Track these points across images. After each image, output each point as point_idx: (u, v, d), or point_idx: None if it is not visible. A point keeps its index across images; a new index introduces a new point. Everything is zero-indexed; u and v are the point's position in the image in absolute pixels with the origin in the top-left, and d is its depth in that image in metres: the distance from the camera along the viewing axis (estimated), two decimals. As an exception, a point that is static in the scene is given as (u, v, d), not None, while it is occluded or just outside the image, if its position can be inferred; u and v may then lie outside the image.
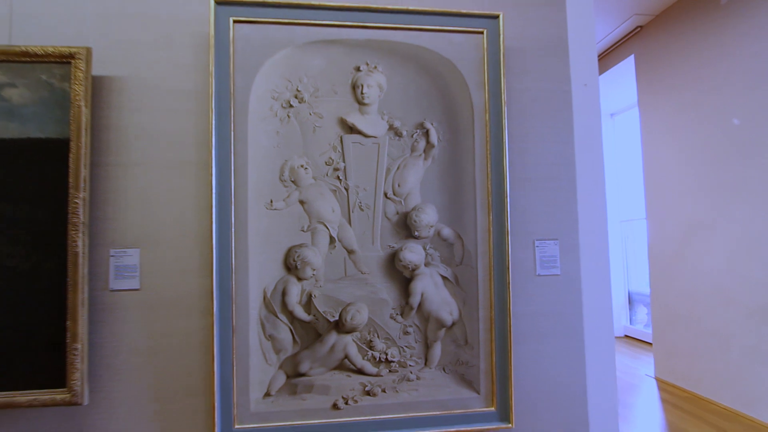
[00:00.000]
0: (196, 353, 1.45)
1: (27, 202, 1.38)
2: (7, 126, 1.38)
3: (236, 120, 1.45)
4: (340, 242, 1.51)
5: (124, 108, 1.48)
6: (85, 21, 1.49)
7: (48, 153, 1.39)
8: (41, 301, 1.36)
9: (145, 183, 1.47)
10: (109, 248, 1.44)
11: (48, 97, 1.41)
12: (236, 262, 1.43)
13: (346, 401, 1.47)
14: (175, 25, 1.52)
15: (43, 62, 1.41)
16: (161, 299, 1.46)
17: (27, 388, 1.34)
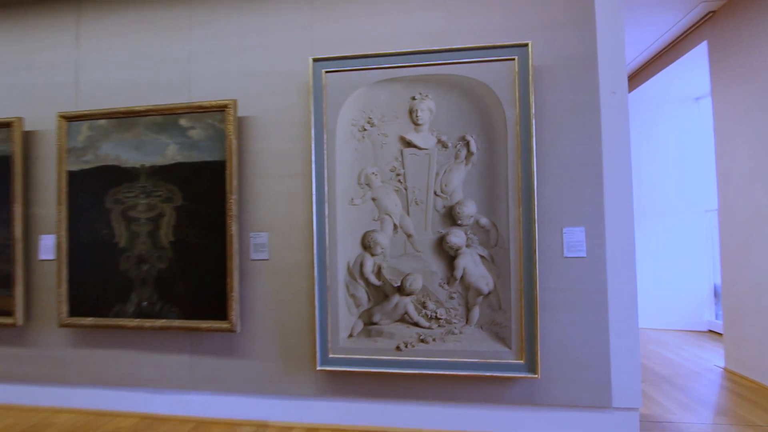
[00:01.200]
0: (304, 304, 2.12)
1: (204, 202, 2.17)
2: (191, 154, 2.18)
3: (328, 142, 2.06)
4: (401, 228, 2.04)
5: (257, 137, 2.19)
6: (232, 81, 2.23)
7: (214, 170, 2.16)
8: (213, 266, 2.15)
9: (270, 188, 2.17)
10: (250, 232, 2.17)
11: (213, 134, 2.18)
12: (329, 242, 2.06)
13: (405, 345, 2.01)
14: (287, 78, 2.18)
15: (209, 111, 2.18)
16: (281, 266, 2.15)
17: (206, 319, 2.14)
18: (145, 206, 2.20)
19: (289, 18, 2.20)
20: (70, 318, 2.28)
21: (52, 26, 2.45)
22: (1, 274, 2.36)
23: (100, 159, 2.26)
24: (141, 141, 2.22)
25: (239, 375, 2.16)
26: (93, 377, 2.32)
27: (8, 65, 2.49)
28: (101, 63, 2.38)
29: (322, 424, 2.09)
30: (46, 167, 2.40)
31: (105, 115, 2.26)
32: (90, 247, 2.27)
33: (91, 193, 2.28)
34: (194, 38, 2.28)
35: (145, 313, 2.21)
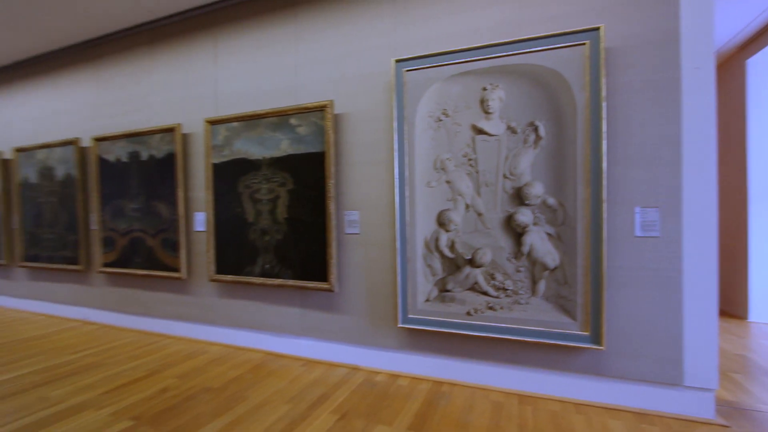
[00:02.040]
0: (388, 271, 2.51)
1: (309, 187, 2.67)
2: (299, 147, 2.70)
3: (408, 133, 2.38)
4: (473, 208, 2.28)
5: (350, 131, 2.61)
6: (329, 85, 2.67)
7: (317, 159, 2.64)
8: (317, 238, 2.65)
9: (361, 173, 2.58)
10: (344, 210, 2.62)
11: (315, 130, 2.65)
12: (409, 219, 2.39)
13: (475, 311, 2.27)
14: (373, 78, 2.54)
15: (312, 111, 2.66)
16: (369, 239, 2.56)
17: (312, 280, 2.67)
18: (266, 190, 2.80)
19: (375, 26, 2.54)
20: (216, 275, 3.02)
21: (196, 52, 3.16)
22: (171, 241, 3.21)
23: (234, 153, 2.92)
24: (262, 138, 2.81)
25: (336, 326, 2.66)
26: (232, 320, 3.05)
27: (168, 84, 3.30)
28: (232, 77, 3.02)
29: (402, 372, 2.48)
30: (197, 161, 3.16)
31: (237, 119, 2.90)
32: (228, 221, 2.97)
33: (228, 180, 2.95)
34: (300, 52, 2.77)
35: (267, 274, 2.83)
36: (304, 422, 1.93)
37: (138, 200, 3.38)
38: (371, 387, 2.32)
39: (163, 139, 3.23)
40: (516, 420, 1.93)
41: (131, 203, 3.42)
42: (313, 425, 1.90)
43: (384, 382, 2.39)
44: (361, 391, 2.26)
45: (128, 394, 2.25)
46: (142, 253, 3.38)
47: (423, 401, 2.14)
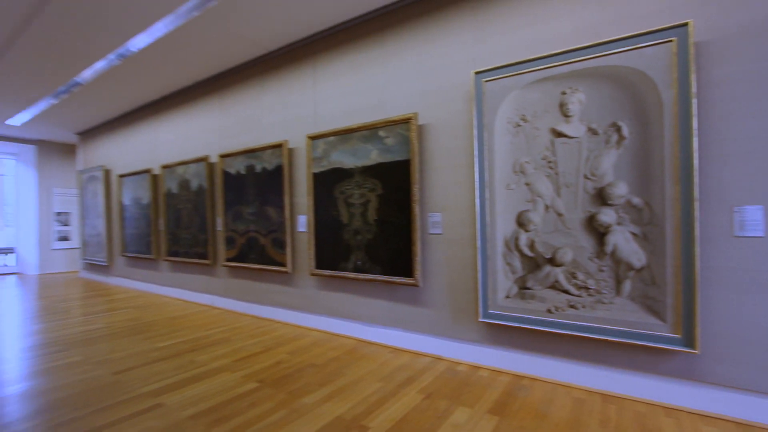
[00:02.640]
0: (468, 269, 2.68)
1: (396, 191, 2.97)
2: (387, 156, 3.01)
3: (487, 139, 2.55)
4: (552, 208, 2.36)
5: (432, 139, 2.85)
6: (413, 99, 2.95)
7: (403, 166, 2.93)
8: (403, 237, 2.94)
9: (443, 178, 2.81)
10: (428, 212, 2.87)
11: (401, 140, 2.95)
12: (489, 219, 2.55)
13: (555, 309, 2.34)
14: (454, 90, 2.75)
15: (398, 123, 2.96)
16: (451, 239, 2.77)
17: (399, 275, 2.95)
18: (358, 195, 3.17)
19: (454, 42, 2.75)
20: (316, 270, 3.48)
21: (298, 78, 3.69)
22: (279, 240, 3.77)
23: (331, 163, 3.35)
24: (355, 149, 3.19)
25: (421, 319, 2.91)
26: (329, 310, 3.48)
27: (276, 107, 3.89)
28: (329, 98, 3.47)
29: (482, 364, 2.63)
30: (300, 171, 3.67)
31: (333, 134, 3.33)
32: (326, 223, 3.41)
33: (326, 187, 3.40)
34: (387, 71, 3.10)
35: (359, 269, 3.19)
36: (393, 397, 2.20)
37: (253, 205, 4.02)
38: (453, 375, 2.51)
39: (273, 154, 3.82)
40: (598, 416, 1.97)
41: (248, 208, 4.08)
42: (402, 401, 2.17)
43: (465, 372, 2.56)
44: (444, 378, 2.47)
45: (252, 363, 2.76)
46: (256, 250, 4.01)
47: (503, 391, 2.27)
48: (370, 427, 1.89)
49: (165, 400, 2.21)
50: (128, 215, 5.96)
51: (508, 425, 1.90)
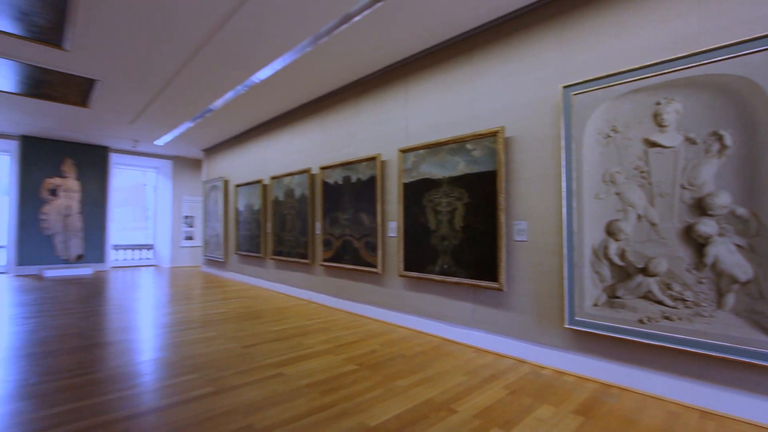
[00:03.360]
0: (554, 275, 2.76)
1: (482, 200, 3.17)
2: (473, 167, 3.23)
3: (576, 150, 2.63)
4: (645, 218, 2.36)
5: (519, 151, 3.00)
6: (500, 113, 3.13)
7: (489, 177, 3.12)
8: (488, 243, 3.11)
9: (528, 188, 2.93)
10: (513, 220, 3.01)
11: (488, 152, 3.14)
12: (576, 228, 2.62)
13: (648, 319, 2.32)
14: (541, 104, 2.88)
15: (485, 137, 3.16)
16: (536, 246, 2.87)
17: (483, 279, 3.13)
18: (446, 203, 3.42)
19: (542, 57, 2.88)
20: (404, 272, 3.79)
21: (390, 98, 4.09)
22: (372, 244, 4.18)
23: (420, 174, 3.66)
24: (443, 161, 3.46)
25: (504, 322, 3.04)
26: (415, 309, 3.76)
27: (370, 124, 4.33)
28: (419, 114, 3.80)
29: (568, 370, 2.67)
30: (391, 181, 4.05)
31: (422, 147, 3.64)
32: (414, 229, 3.71)
33: (415, 196, 3.71)
34: (475, 88, 3.33)
35: (445, 272, 3.43)
36: (478, 390, 2.39)
37: (348, 212, 4.50)
38: (537, 377, 2.61)
39: (367, 166, 4.26)
40: (693, 431, 1.94)
41: (344, 214, 4.58)
42: (487, 393, 2.34)
43: (549, 375, 2.64)
44: (528, 379, 2.58)
45: (350, 350, 3.15)
46: (350, 252, 4.47)
47: (589, 396, 2.32)
48: (458, 410, 2.11)
49: (284, 371, 2.68)
50: (242, 219, 6.96)
51: (593, 426, 1.97)
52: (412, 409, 2.13)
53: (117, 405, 2.14)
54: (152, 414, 2.04)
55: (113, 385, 2.40)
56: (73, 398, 2.21)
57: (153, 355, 2.98)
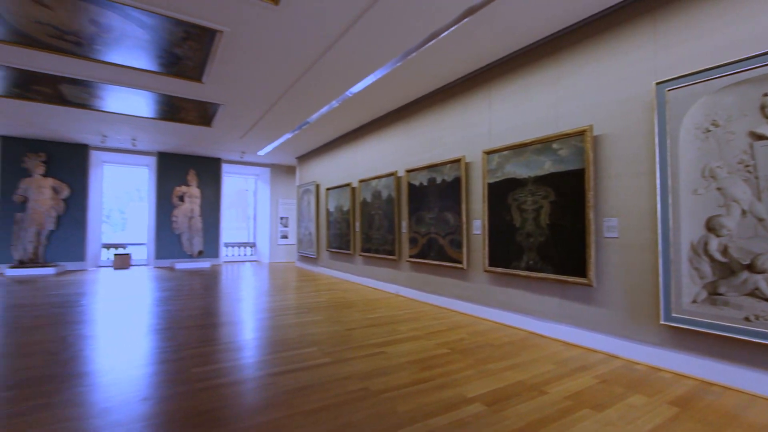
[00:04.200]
0: (647, 272, 2.77)
1: (568, 198, 3.25)
2: (560, 166, 3.32)
3: (671, 146, 2.62)
4: (751, 213, 2.29)
5: (608, 148, 3.04)
6: (587, 112, 3.18)
7: (575, 175, 3.19)
8: (576, 240, 3.19)
9: (619, 185, 2.96)
10: (603, 217, 3.05)
11: (575, 151, 3.21)
12: (672, 224, 2.61)
13: (756, 317, 2.26)
14: (631, 101, 2.89)
15: (571, 136, 3.23)
16: (628, 243, 2.89)
17: (571, 275, 3.21)
18: (531, 201, 3.56)
19: (632, 55, 2.89)
20: (489, 267, 3.99)
21: (474, 102, 4.30)
22: (456, 241, 4.43)
23: (505, 174, 3.83)
24: (528, 161, 3.60)
25: (594, 317, 3.09)
26: (500, 303, 3.94)
27: (455, 128, 4.58)
28: (503, 117, 3.96)
29: (664, 367, 2.66)
30: (476, 182, 4.26)
31: (507, 148, 3.80)
32: (499, 226, 3.89)
33: (499, 195, 3.89)
34: (559, 89, 3.41)
35: (530, 268, 3.56)
36: (567, 378, 2.53)
37: (433, 211, 4.81)
38: (630, 371, 2.65)
39: (451, 168, 4.53)
40: (809, 429, 1.89)
41: (429, 213, 4.90)
42: (577, 380, 2.48)
43: (644, 371, 2.66)
44: (620, 372, 2.63)
45: (440, 337, 3.46)
46: (435, 249, 4.78)
47: (687, 391, 2.32)
48: (548, 392, 2.30)
49: (385, 349, 3.07)
50: (332, 219, 7.66)
51: (690, 417, 2.02)
52: (504, 387, 2.36)
53: (254, 367, 2.71)
54: (284, 375, 2.56)
55: (247, 353, 3.01)
56: (215, 360, 2.85)
57: (273, 332, 3.59)
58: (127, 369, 2.62)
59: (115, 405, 2.10)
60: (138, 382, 2.41)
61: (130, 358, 2.82)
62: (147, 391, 2.28)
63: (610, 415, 2.02)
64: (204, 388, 2.32)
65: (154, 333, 3.50)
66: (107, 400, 2.16)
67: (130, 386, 2.34)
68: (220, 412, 2.03)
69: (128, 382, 2.41)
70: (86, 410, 2.03)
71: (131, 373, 2.55)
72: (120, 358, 2.83)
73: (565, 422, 1.94)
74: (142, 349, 3.03)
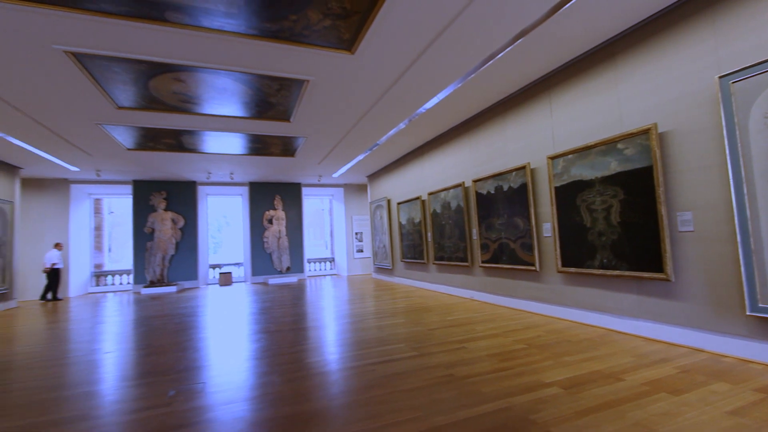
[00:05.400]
0: (728, 262, 2.76)
1: (638, 195, 3.33)
2: (626, 165, 3.41)
3: (740, 137, 2.65)
4: (835, 198, 2.26)
5: (674, 144, 3.09)
6: (650, 111, 3.26)
7: (644, 173, 3.27)
8: (649, 236, 3.25)
9: (690, 178, 3.00)
10: (676, 212, 3.10)
11: (641, 149, 3.30)
12: (750, 215, 2.61)
13: None
14: (692, 96, 2.94)
15: (637, 135, 3.33)
16: (705, 236, 2.91)
17: (646, 271, 3.26)
18: (600, 201, 3.66)
19: (693, 51, 2.95)
20: (562, 268, 4.11)
21: (535, 110, 4.49)
22: (527, 244, 4.61)
23: (571, 177, 3.97)
24: (593, 162, 3.72)
25: (674, 312, 3.11)
26: (575, 302, 4.03)
27: (517, 137, 4.80)
28: (565, 122, 4.12)
29: (753, 359, 2.63)
30: (542, 186, 4.43)
31: (571, 152, 3.95)
32: (569, 228, 4.02)
33: (567, 197, 4.03)
34: (619, 91, 3.52)
35: (604, 266, 3.64)
36: (645, 368, 2.63)
37: (502, 217, 5.03)
38: (716, 363, 2.66)
39: (517, 174, 4.74)
40: None
41: (498, 220, 5.12)
42: (655, 370, 2.58)
43: (730, 362, 2.65)
44: (705, 364, 2.66)
45: (517, 334, 3.68)
46: (507, 253, 4.98)
47: (779, 380, 2.32)
48: (624, 379, 2.45)
49: (466, 345, 3.39)
50: (404, 231, 8.13)
51: (777, 401, 2.06)
52: (581, 375, 2.56)
53: (353, 358, 3.20)
54: (380, 364, 3.01)
55: (345, 348, 3.53)
56: (321, 353, 3.39)
57: (362, 333, 4.09)
58: (249, 360, 3.28)
59: (249, 384, 2.71)
60: (264, 369, 3.03)
61: (250, 352, 3.50)
62: (274, 376, 2.88)
63: (688, 398, 2.14)
64: (318, 372, 2.86)
65: (266, 334, 4.20)
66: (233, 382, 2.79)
67: (253, 372, 2.97)
68: (335, 388, 2.54)
69: (253, 368, 3.04)
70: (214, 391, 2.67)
71: (254, 363, 3.20)
72: (241, 354, 3.52)
73: (640, 402, 2.11)
74: (259, 346, 3.71)
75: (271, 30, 3.17)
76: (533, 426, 1.92)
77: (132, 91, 4.28)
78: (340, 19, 3.09)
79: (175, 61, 3.60)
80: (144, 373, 3.04)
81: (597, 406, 2.10)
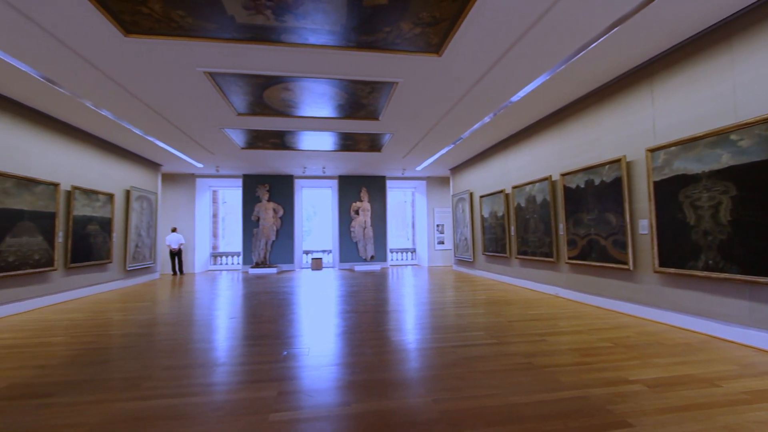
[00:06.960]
0: None
1: (756, 191, 3.01)
2: (741, 158, 3.10)
3: None
4: None
5: (803, 136, 2.74)
6: (774, 97, 2.92)
7: (763, 167, 2.95)
8: (767, 237, 2.93)
9: (820, 174, 2.65)
10: (800, 211, 2.76)
11: (759, 140, 2.97)
12: None
13: None
14: None
15: (754, 125, 3.00)
16: (839, 239, 2.56)
17: (762, 275, 2.96)
18: (707, 198, 3.38)
19: (834, 29, 2.58)
20: (660, 268, 3.86)
21: (634, 99, 4.21)
22: (620, 242, 4.38)
23: (673, 171, 3.70)
24: (700, 155, 3.43)
25: (797, 322, 2.79)
26: (673, 305, 3.77)
27: (613, 128, 4.54)
28: (668, 112, 3.83)
29: None
30: (639, 181, 4.17)
31: (674, 144, 3.68)
32: (669, 225, 3.76)
33: (668, 193, 3.76)
34: (736, 75, 3.19)
35: (710, 268, 3.36)
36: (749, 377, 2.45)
37: (592, 213, 4.83)
38: None
39: (610, 168, 4.51)
40: None
41: (587, 215, 4.93)
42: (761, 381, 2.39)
43: None
44: (829, 380, 2.39)
45: (603, 333, 3.60)
46: (596, 250, 4.78)
47: None
48: (721, 386, 2.34)
49: (547, 338, 3.45)
50: (487, 225, 8.12)
51: None
52: (671, 377, 2.50)
53: (435, 340, 3.47)
54: (460, 348, 3.23)
55: (427, 331, 3.80)
56: (406, 333, 3.71)
57: (444, 320, 4.33)
58: (342, 334, 3.74)
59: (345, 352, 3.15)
60: (355, 342, 3.46)
61: (342, 328, 3.98)
62: (365, 348, 3.28)
63: (796, 411, 2.01)
64: (402, 349, 3.20)
65: (355, 314, 4.68)
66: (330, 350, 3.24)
67: (347, 344, 3.40)
68: (418, 363, 2.84)
69: (346, 341, 3.48)
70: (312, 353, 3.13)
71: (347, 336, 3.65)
72: (335, 329, 4.01)
73: (736, 409, 2.04)
74: (350, 324, 4.18)
75: (366, 41, 3.53)
76: (609, 415, 2.00)
77: (249, 100, 5.03)
78: (429, 27, 3.32)
79: (286, 74, 4.19)
80: (262, 336, 3.69)
81: (683, 406, 2.08)
